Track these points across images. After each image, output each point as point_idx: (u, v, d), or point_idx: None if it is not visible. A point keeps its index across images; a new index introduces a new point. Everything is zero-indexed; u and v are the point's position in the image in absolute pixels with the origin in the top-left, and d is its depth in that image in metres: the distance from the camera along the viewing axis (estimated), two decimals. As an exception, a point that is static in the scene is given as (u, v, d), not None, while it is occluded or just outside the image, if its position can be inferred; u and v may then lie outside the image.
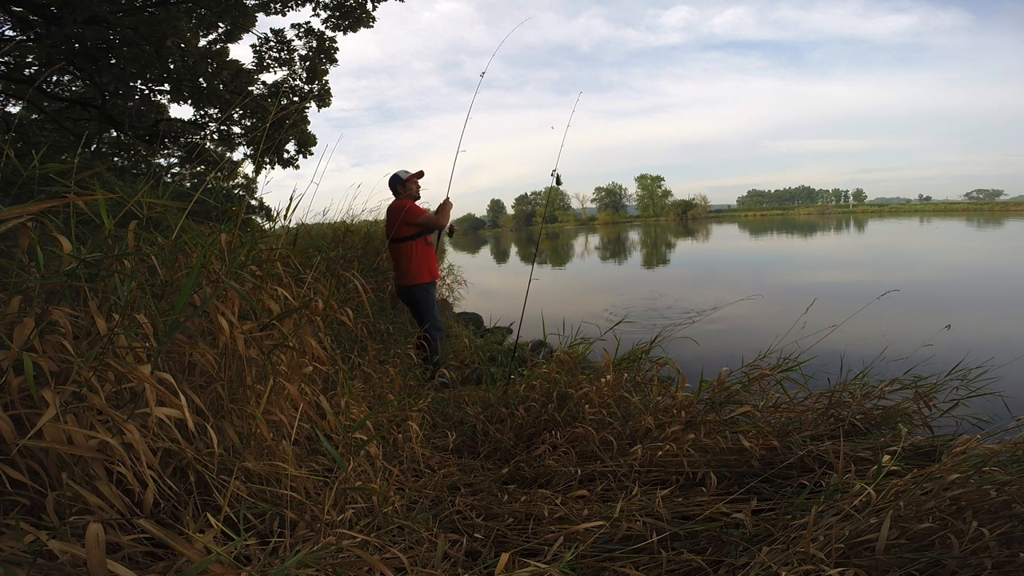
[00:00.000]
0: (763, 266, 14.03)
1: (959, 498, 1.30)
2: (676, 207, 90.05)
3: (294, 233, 2.25)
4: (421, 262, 3.48)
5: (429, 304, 3.51)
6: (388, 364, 3.23)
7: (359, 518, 1.44)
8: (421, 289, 3.48)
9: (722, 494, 1.65)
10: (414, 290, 3.48)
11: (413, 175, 3.62)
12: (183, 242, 1.53)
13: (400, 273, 3.52)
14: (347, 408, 1.87)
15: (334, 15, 8.43)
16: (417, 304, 3.53)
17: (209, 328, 1.40)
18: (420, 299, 3.49)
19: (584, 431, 2.01)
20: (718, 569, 1.33)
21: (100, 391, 1.01)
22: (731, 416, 2.03)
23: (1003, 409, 1.97)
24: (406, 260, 3.47)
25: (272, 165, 9.04)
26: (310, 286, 1.96)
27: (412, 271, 3.46)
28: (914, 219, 45.85)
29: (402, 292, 3.56)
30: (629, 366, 2.63)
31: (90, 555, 0.74)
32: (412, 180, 3.63)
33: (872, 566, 1.18)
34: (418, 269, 3.47)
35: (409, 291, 3.50)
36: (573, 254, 24.01)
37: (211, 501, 1.19)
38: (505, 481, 1.96)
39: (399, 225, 3.43)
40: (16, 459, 0.91)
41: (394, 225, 3.45)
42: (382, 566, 1.01)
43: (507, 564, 1.21)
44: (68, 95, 8.45)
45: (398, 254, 3.51)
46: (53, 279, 1.11)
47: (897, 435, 1.76)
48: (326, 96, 8.96)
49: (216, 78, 8.24)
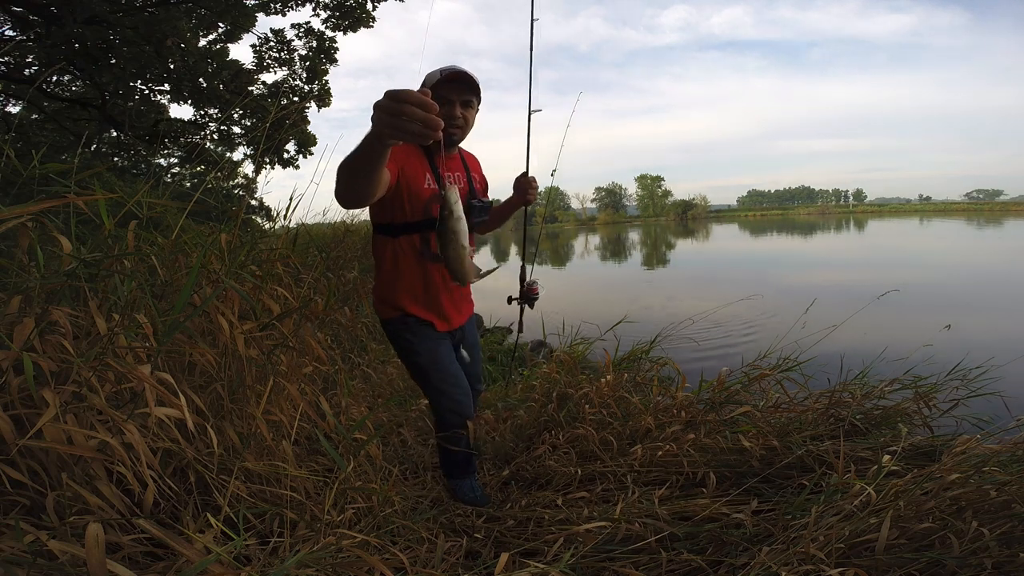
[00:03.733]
0: (763, 266, 14.03)
1: (959, 498, 1.30)
2: (676, 207, 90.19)
3: (294, 233, 2.25)
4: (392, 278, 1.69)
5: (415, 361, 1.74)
6: (388, 364, 3.24)
7: (359, 518, 1.44)
8: (390, 328, 1.75)
9: (722, 494, 1.65)
10: (385, 328, 1.79)
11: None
12: (183, 242, 1.53)
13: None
14: (347, 408, 1.87)
15: (334, 15, 8.45)
16: (399, 356, 1.83)
17: (209, 328, 1.40)
18: (398, 347, 1.78)
19: (584, 431, 2.01)
20: (718, 569, 1.33)
21: (100, 391, 1.01)
22: (731, 416, 2.03)
23: (1003, 409, 1.97)
24: (376, 268, 1.77)
25: (272, 165, 9.06)
26: (310, 286, 1.96)
27: (377, 291, 1.76)
28: (914, 219, 45.87)
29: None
30: (629, 366, 2.63)
31: (90, 555, 0.74)
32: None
33: (872, 566, 1.18)
34: (383, 289, 1.73)
35: (383, 327, 1.81)
36: (577, 254, 24.01)
37: (211, 501, 1.19)
38: (505, 482, 1.96)
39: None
40: (16, 459, 0.90)
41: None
42: (382, 566, 1.01)
43: (507, 564, 1.21)
44: (68, 95, 8.45)
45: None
46: (53, 279, 1.11)
47: (897, 435, 1.76)
48: (326, 96, 8.96)
49: (216, 78, 8.25)
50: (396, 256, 1.66)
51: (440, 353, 1.73)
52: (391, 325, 1.73)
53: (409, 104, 0.84)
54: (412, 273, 1.67)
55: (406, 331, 1.71)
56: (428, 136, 0.86)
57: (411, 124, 0.85)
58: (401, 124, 0.85)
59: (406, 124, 0.85)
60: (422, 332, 1.71)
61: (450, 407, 1.74)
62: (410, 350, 1.73)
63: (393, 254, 1.67)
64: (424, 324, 1.71)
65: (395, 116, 0.85)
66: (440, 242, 1.32)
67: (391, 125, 0.86)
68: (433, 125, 0.85)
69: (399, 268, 1.67)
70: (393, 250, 1.66)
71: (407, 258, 1.66)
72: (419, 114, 0.84)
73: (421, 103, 0.84)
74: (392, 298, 1.69)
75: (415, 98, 0.84)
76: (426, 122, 0.84)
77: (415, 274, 1.67)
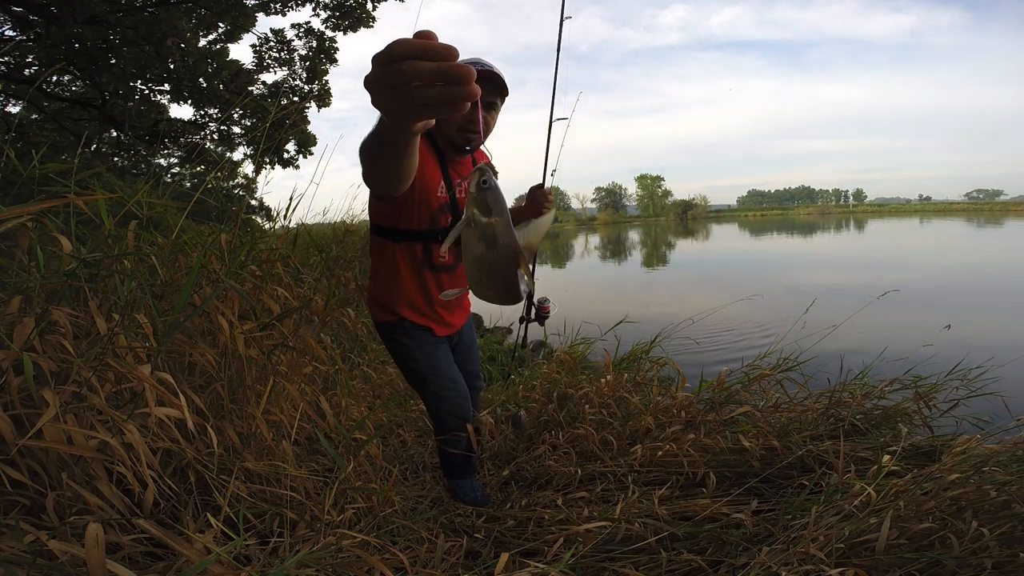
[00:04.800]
0: (763, 266, 14.03)
1: (959, 498, 1.30)
2: (676, 207, 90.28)
3: (294, 233, 2.25)
4: (391, 281, 1.63)
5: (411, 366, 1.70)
6: (388, 364, 3.24)
7: (359, 518, 1.44)
8: (386, 331, 1.70)
9: (722, 494, 1.65)
10: (380, 331, 1.73)
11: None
12: (183, 242, 1.53)
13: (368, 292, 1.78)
14: (347, 408, 1.87)
15: (334, 15, 8.44)
16: (394, 360, 1.78)
17: (209, 328, 1.40)
18: (393, 351, 1.73)
19: (584, 431, 2.01)
20: (718, 569, 1.33)
21: (100, 391, 1.01)
22: (731, 416, 2.03)
23: (1003, 409, 1.97)
24: (373, 270, 1.70)
25: (272, 165, 9.05)
26: (310, 286, 1.96)
27: (373, 293, 1.70)
28: (914, 219, 45.88)
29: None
30: (629, 366, 2.64)
31: (90, 555, 0.74)
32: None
33: (872, 566, 1.18)
34: (380, 292, 1.67)
35: (378, 331, 1.75)
36: (577, 254, 24.01)
37: (211, 501, 1.19)
38: (505, 482, 1.96)
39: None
40: (16, 459, 0.91)
41: None
42: (382, 566, 1.01)
43: (507, 564, 1.21)
44: (68, 95, 8.45)
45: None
46: (53, 279, 1.11)
47: (897, 435, 1.76)
48: (326, 96, 8.96)
49: (216, 78, 8.25)
50: (395, 263, 1.59)
51: (437, 357, 1.69)
52: (387, 329, 1.67)
53: (412, 61, 0.50)
54: (411, 282, 1.61)
55: (403, 336, 1.65)
56: (458, 100, 0.51)
57: (427, 92, 0.51)
58: (411, 97, 0.52)
59: (419, 94, 0.51)
60: (419, 337, 1.66)
61: (449, 410, 1.70)
62: (407, 355, 1.67)
63: (392, 260, 1.59)
64: (421, 329, 1.66)
65: (397, 88, 0.52)
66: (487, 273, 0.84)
67: (396, 101, 0.53)
68: (459, 80, 0.50)
69: (398, 275, 1.60)
70: (392, 256, 1.59)
71: (407, 266, 1.59)
72: (430, 69, 0.50)
73: (426, 52, 0.50)
74: (389, 303, 1.63)
75: (417, 48, 0.50)
76: (448, 79, 0.50)
77: (414, 283, 1.61)
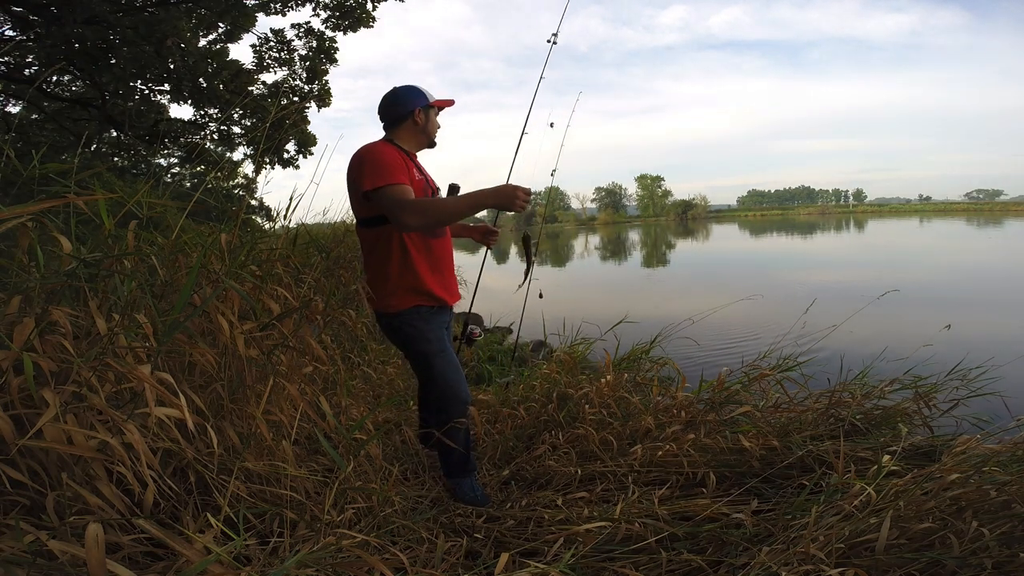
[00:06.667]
0: (763, 266, 14.03)
1: (959, 498, 1.30)
2: (676, 207, 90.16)
3: (294, 233, 2.25)
4: (403, 268, 1.75)
5: (424, 349, 1.79)
6: (388, 364, 3.24)
7: (359, 518, 1.44)
8: (403, 318, 1.77)
9: (722, 494, 1.66)
10: (393, 320, 1.79)
11: (441, 101, 1.87)
12: (183, 242, 1.53)
13: (371, 287, 1.81)
14: (347, 408, 1.87)
15: (334, 15, 8.44)
16: (405, 347, 1.85)
17: (209, 328, 1.40)
18: (407, 337, 1.80)
19: (584, 431, 2.01)
20: (718, 569, 1.33)
21: (100, 391, 1.00)
22: (731, 416, 2.03)
23: (1003, 409, 1.97)
24: (376, 262, 1.79)
25: (272, 165, 9.06)
26: (310, 286, 1.96)
27: (386, 284, 1.77)
28: (914, 219, 45.87)
29: (381, 322, 1.87)
30: (629, 366, 2.63)
31: (90, 555, 0.74)
32: (436, 107, 1.86)
33: (872, 566, 1.18)
34: (396, 281, 1.75)
35: (387, 321, 1.81)
36: (577, 254, 24.00)
37: (211, 501, 1.19)
38: (505, 482, 1.96)
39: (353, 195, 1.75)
40: (16, 459, 0.90)
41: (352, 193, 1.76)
42: (382, 566, 1.00)
43: (507, 564, 1.21)
44: (68, 95, 8.46)
45: (365, 250, 1.83)
46: (53, 279, 1.11)
47: (897, 435, 1.76)
48: (326, 96, 8.96)
49: (216, 78, 8.25)
50: (404, 243, 1.74)
51: (447, 342, 1.86)
52: (403, 316, 1.77)
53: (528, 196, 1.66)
54: (423, 256, 1.78)
55: (419, 320, 1.78)
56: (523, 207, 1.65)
57: (526, 205, 1.65)
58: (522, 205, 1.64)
59: (524, 205, 1.65)
60: (433, 320, 1.81)
61: (455, 394, 1.80)
62: (421, 338, 1.78)
63: (401, 242, 1.74)
64: (434, 312, 1.81)
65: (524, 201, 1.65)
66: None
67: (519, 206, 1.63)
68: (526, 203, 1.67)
69: (407, 255, 1.75)
70: (400, 237, 1.74)
71: (413, 243, 1.76)
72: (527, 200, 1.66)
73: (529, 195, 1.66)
74: (414, 283, 1.76)
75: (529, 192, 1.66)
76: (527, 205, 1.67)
77: (424, 257, 1.78)
